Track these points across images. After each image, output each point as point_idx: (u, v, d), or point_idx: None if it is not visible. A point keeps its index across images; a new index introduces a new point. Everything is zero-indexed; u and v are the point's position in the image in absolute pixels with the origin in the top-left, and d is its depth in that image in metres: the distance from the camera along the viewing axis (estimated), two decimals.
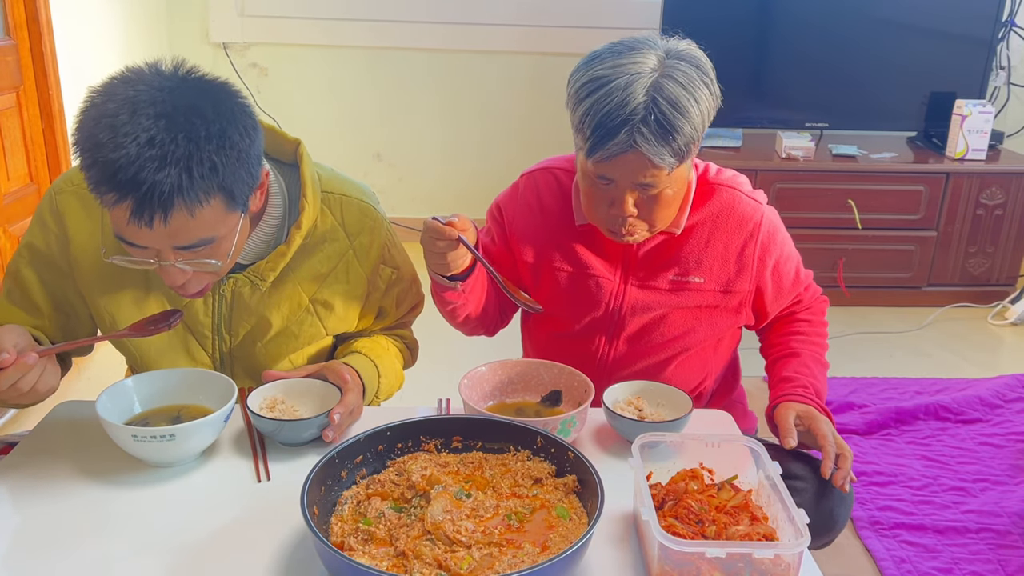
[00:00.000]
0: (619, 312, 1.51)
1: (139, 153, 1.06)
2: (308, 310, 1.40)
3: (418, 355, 1.62)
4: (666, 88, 1.28)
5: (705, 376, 1.61)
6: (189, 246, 1.16)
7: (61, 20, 2.89)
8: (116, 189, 1.08)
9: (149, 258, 1.17)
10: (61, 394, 1.32)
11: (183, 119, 1.08)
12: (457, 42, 4.07)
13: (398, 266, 1.46)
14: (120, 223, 1.12)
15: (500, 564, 0.96)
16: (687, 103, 1.28)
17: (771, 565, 0.97)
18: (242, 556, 1.04)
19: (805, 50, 3.71)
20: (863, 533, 2.20)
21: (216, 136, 1.10)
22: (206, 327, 1.38)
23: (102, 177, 1.08)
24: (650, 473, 1.13)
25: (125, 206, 1.09)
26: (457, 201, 4.23)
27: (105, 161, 1.07)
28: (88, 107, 1.12)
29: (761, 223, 1.48)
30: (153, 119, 1.07)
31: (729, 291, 1.50)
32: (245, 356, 1.42)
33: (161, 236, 1.13)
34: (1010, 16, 3.79)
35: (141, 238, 1.13)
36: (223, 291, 1.35)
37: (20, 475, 1.18)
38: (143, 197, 1.07)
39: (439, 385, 1.59)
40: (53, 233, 1.34)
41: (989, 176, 3.57)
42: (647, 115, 1.27)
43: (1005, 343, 3.47)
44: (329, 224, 1.38)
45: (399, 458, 1.16)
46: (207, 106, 1.11)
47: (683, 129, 1.28)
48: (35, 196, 2.82)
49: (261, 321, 1.38)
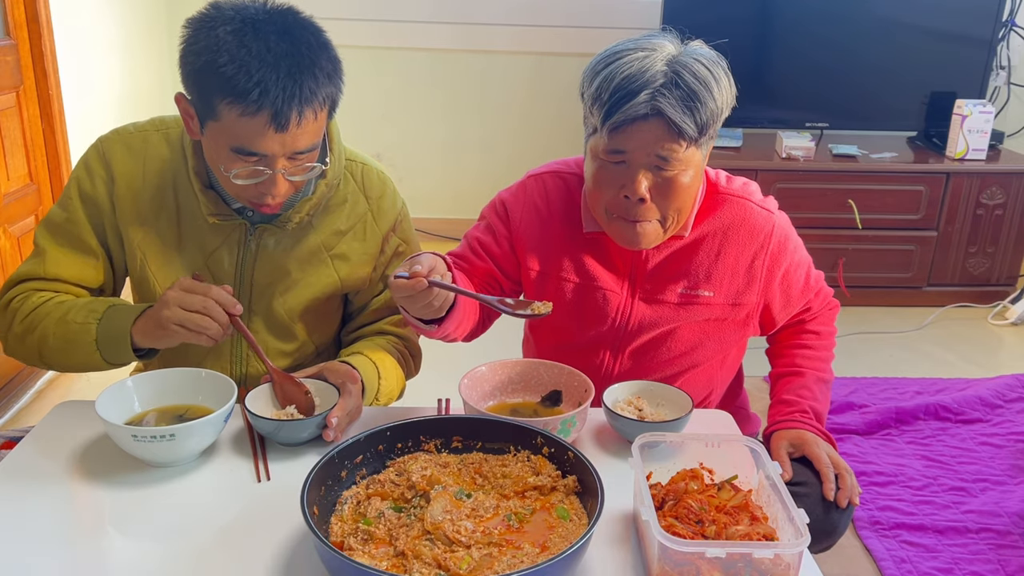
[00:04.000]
0: (625, 327, 1.48)
1: (275, 60, 1.18)
2: (325, 262, 1.45)
3: (421, 364, 1.61)
4: (688, 64, 1.28)
5: (711, 391, 1.59)
6: (306, 150, 1.26)
7: (61, 20, 2.88)
8: (259, 99, 1.18)
9: (262, 167, 1.25)
10: (61, 394, 1.32)
11: (298, 33, 1.22)
12: (457, 42, 4.07)
13: (407, 240, 1.52)
14: (249, 133, 1.21)
15: (499, 564, 0.96)
16: (710, 78, 1.28)
17: (771, 565, 0.97)
18: (242, 556, 1.04)
19: (805, 50, 3.71)
20: (863, 533, 2.19)
21: (323, 48, 1.25)
22: (229, 276, 1.43)
23: (238, 86, 1.17)
24: (650, 473, 1.13)
25: (262, 116, 1.19)
26: (457, 201, 4.24)
27: (240, 67, 1.17)
28: (198, 35, 1.21)
29: (772, 233, 1.45)
30: (275, 35, 1.20)
31: (737, 304, 1.47)
32: (263, 310, 1.46)
33: (288, 140, 1.23)
34: (1010, 16, 3.79)
35: (268, 145, 1.22)
36: (249, 240, 1.41)
37: (20, 475, 1.19)
38: (284, 103, 1.19)
39: (439, 385, 1.59)
40: (99, 176, 1.40)
41: (989, 176, 3.57)
42: (668, 82, 1.27)
43: (1005, 343, 3.47)
44: (351, 188, 1.46)
45: (399, 458, 1.16)
46: (306, 24, 1.25)
47: (706, 102, 1.28)
48: (35, 196, 2.82)
49: (280, 270, 1.44)
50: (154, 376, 1.30)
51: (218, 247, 1.41)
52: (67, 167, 2.94)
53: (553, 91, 4.12)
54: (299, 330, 1.49)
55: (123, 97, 3.43)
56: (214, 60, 1.18)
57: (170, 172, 1.40)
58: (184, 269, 1.42)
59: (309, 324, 1.50)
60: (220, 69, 1.18)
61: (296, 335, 1.49)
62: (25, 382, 2.73)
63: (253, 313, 1.46)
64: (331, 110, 1.30)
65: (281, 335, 1.48)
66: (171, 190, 1.40)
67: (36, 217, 2.83)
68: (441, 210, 4.24)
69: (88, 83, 3.15)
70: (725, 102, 1.32)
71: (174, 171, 1.40)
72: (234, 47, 1.18)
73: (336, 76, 1.27)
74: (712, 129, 1.32)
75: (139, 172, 1.40)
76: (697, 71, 1.28)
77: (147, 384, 1.29)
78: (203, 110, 1.24)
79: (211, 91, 1.20)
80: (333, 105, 1.29)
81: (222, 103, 1.20)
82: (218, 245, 1.41)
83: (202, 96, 1.23)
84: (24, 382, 2.73)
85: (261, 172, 1.26)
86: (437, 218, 4.23)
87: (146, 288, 1.44)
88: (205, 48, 1.19)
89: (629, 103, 1.27)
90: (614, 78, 1.28)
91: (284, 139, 1.22)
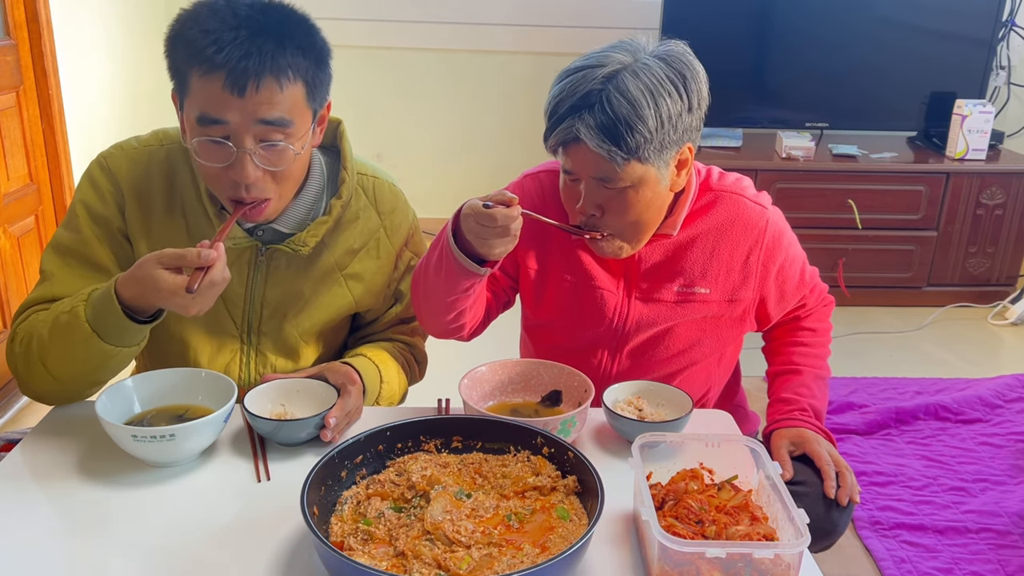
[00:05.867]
0: (623, 326, 1.49)
1: (238, 24, 1.17)
2: (339, 282, 1.43)
3: (426, 370, 1.60)
4: (623, 81, 1.25)
5: (709, 388, 1.59)
6: (271, 121, 1.21)
7: (61, 20, 2.88)
8: (213, 56, 1.16)
9: (227, 138, 1.21)
10: None
11: (275, 9, 1.22)
12: (457, 42, 4.07)
13: (419, 254, 1.50)
14: (209, 97, 1.18)
15: (499, 564, 0.96)
16: (641, 99, 1.25)
17: (771, 565, 0.96)
18: (242, 556, 1.04)
19: (805, 50, 3.71)
20: (863, 533, 2.19)
21: (305, 29, 1.23)
22: (239, 296, 1.39)
23: (198, 47, 1.16)
24: (650, 473, 1.13)
25: (218, 75, 1.17)
26: (457, 201, 4.14)
27: (204, 31, 1.17)
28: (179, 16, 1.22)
29: (766, 228, 1.45)
30: (248, 7, 1.20)
31: (734, 300, 1.47)
32: (273, 331, 1.42)
33: (248, 107, 1.19)
34: (1010, 16, 3.79)
35: (228, 111, 1.19)
36: (260, 260, 1.38)
37: (20, 475, 1.18)
38: (239, 62, 1.16)
39: (439, 385, 1.59)
40: (106, 190, 1.36)
41: (989, 176, 3.57)
42: (593, 104, 1.25)
43: (1005, 343, 3.47)
44: (362, 203, 1.43)
45: (399, 458, 1.15)
46: (291, 9, 1.25)
47: (634, 126, 1.24)
48: (35, 196, 2.82)
49: (293, 293, 1.40)
50: (154, 376, 1.29)
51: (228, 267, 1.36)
52: (67, 167, 2.94)
53: None
54: (308, 351, 1.46)
55: (123, 97, 3.43)
56: (183, 30, 1.19)
57: (178, 188, 1.36)
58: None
59: (319, 345, 1.48)
60: (187, 34, 1.18)
61: (304, 356, 1.46)
62: None
63: (263, 335, 1.42)
64: (310, 91, 1.24)
65: (289, 356, 1.45)
66: (179, 206, 1.36)
67: (36, 217, 2.83)
68: (441, 210, 4.21)
69: (88, 83, 3.15)
70: (671, 119, 1.27)
71: (182, 187, 1.36)
72: (204, 16, 1.19)
73: (314, 55, 1.24)
74: (655, 144, 1.27)
75: (146, 187, 1.36)
76: (629, 91, 1.24)
77: (147, 384, 1.28)
78: (180, 90, 1.23)
79: (180, 62, 1.20)
80: (310, 85, 1.24)
81: (191, 71, 1.19)
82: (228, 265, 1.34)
83: (178, 72, 1.22)
84: None
85: (226, 149, 1.21)
86: (437, 218, 4.20)
87: None
88: (181, 22, 1.20)
89: (559, 127, 1.29)
90: (552, 99, 1.30)
91: (243, 106, 1.18)
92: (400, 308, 1.51)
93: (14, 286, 2.69)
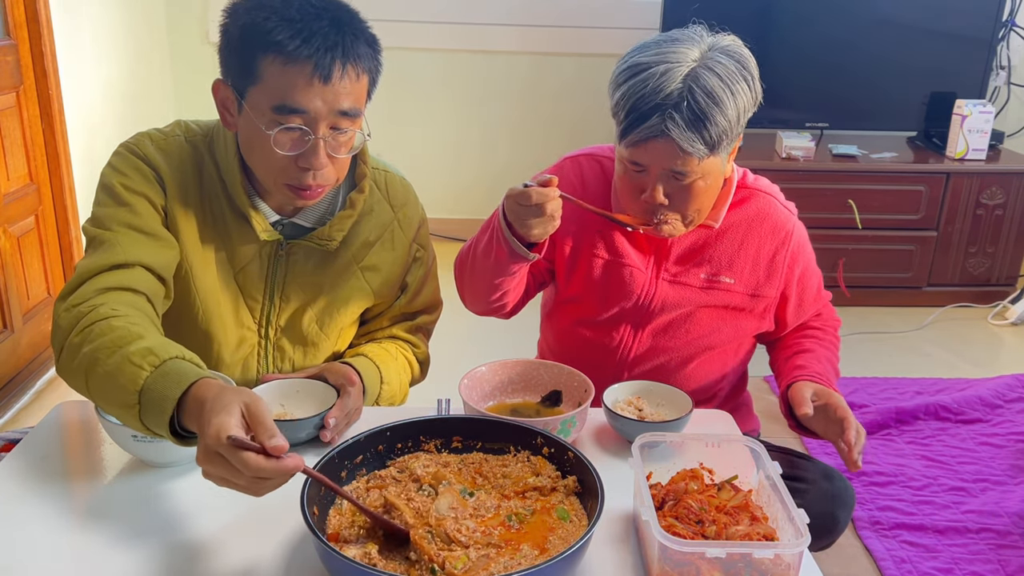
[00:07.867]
0: (648, 305, 1.52)
1: (317, 13, 1.20)
2: (356, 275, 1.44)
3: (428, 372, 1.60)
4: (703, 78, 1.30)
5: (723, 378, 1.61)
6: (347, 111, 1.24)
7: (61, 20, 2.88)
8: (301, 44, 1.18)
9: (305, 128, 1.23)
10: (61, 394, 1.32)
11: (344, 6, 1.25)
12: (457, 42, 4.07)
13: (424, 246, 1.52)
14: (291, 85, 1.20)
15: (496, 565, 0.96)
16: (723, 94, 1.30)
17: (771, 565, 0.96)
18: (242, 556, 1.04)
19: (805, 50, 3.71)
20: (863, 533, 2.20)
21: (361, 21, 1.27)
22: (258, 291, 1.39)
23: (280, 36, 1.18)
24: (650, 473, 1.13)
25: (304, 65, 1.19)
26: (457, 201, 4.24)
27: (286, 20, 1.18)
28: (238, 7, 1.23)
29: (793, 232, 1.51)
30: (315, 4, 1.22)
31: (757, 295, 1.51)
32: (292, 325, 1.43)
33: (330, 96, 1.21)
34: (1010, 16, 3.79)
35: (310, 98, 1.20)
36: (280, 254, 1.38)
37: (20, 475, 1.19)
38: (327, 51, 1.19)
39: (439, 385, 1.59)
40: (143, 170, 1.32)
41: (989, 176, 3.57)
42: (680, 102, 1.29)
43: (1005, 343, 3.47)
44: (376, 196, 1.45)
45: (399, 458, 1.16)
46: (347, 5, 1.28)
47: (716, 119, 1.30)
48: (35, 196, 2.82)
49: (313, 287, 1.41)
50: None
51: (249, 261, 1.38)
52: (67, 167, 2.94)
53: (553, 91, 4.12)
54: (326, 345, 1.47)
55: (123, 97, 3.43)
56: (256, 19, 1.20)
57: (205, 180, 1.35)
58: (216, 279, 1.36)
59: (336, 339, 1.48)
60: (263, 24, 1.19)
61: (323, 350, 1.47)
62: (25, 382, 2.73)
63: (281, 329, 1.43)
64: (370, 86, 1.29)
65: (307, 350, 1.45)
66: (207, 198, 1.35)
67: (36, 217, 2.83)
68: (441, 210, 4.23)
69: (88, 83, 3.15)
70: (743, 109, 1.34)
71: (208, 180, 1.35)
72: (277, 4, 1.20)
73: (376, 52, 1.28)
74: (727, 138, 1.34)
75: (181, 173, 1.34)
76: (710, 86, 1.30)
77: None
78: (244, 78, 1.22)
79: (254, 50, 1.20)
80: (372, 81, 1.29)
81: (264, 59, 1.19)
82: (249, 259, 1.37)
83: (244, 60, 1.21)
84: (24, 382, 2.73)
85: (303, 137, 1.23)
86: (437, 217, 4.21)
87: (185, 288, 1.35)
88: (247, 11, 1.21)
89: (642, 124, 1.31)
90: (631, 97, 1.32)
91: (326, 93, 1.21)
92: (404, 300, 1.51)
93: (14, 286, 2.69)
